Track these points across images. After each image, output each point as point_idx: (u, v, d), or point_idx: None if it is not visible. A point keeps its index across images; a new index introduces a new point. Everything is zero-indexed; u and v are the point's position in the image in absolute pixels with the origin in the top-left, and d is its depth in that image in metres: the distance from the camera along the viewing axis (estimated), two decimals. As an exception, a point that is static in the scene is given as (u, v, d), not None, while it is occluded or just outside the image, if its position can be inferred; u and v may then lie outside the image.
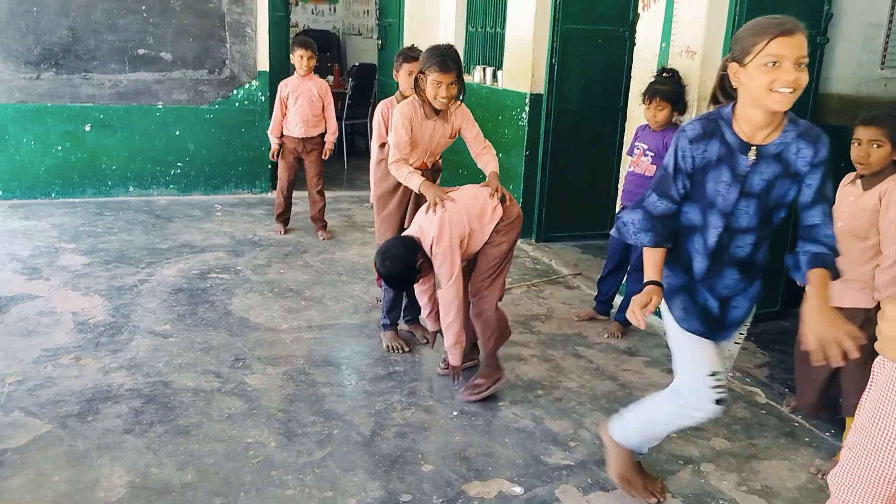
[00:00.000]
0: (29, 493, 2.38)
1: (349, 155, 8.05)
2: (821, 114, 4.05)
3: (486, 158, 3.37)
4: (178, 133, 6.21)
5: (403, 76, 3.83)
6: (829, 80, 4.03)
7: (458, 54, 3.24)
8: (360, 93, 7.87)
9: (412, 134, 3.28)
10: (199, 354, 3.44)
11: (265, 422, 2.89)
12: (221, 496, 2.42)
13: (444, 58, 3.13)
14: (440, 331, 3.39)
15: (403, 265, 3.00)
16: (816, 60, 3.89)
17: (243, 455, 2.66)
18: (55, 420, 2.81)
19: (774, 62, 1.88)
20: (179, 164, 6.28)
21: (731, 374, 3.47)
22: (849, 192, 2.73)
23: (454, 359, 3.18)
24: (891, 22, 4.11)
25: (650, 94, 3.66)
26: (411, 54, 3.88)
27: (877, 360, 1.11)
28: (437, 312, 3.28)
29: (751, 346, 3.85)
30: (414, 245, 3.03)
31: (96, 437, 2.71)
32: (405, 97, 3.82)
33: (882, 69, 4.18)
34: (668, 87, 3.64)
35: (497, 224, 3.07)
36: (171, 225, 5.51)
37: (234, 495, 2.43)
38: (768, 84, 1.89)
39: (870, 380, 1.13)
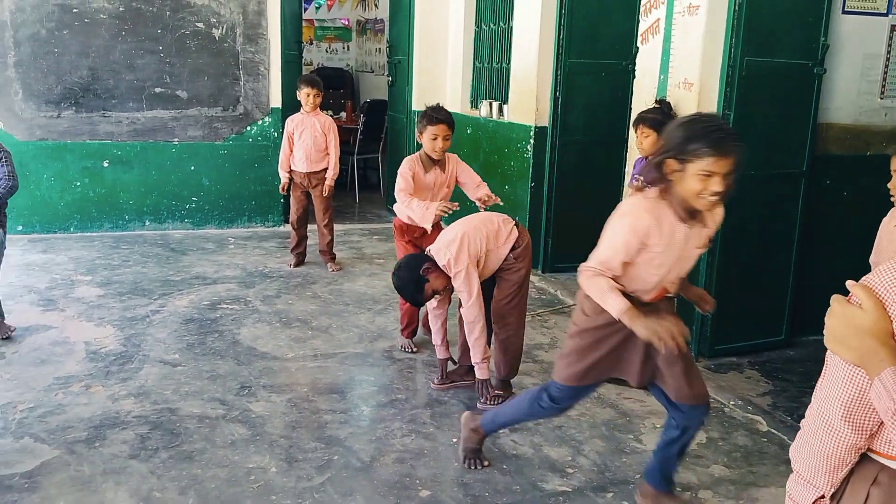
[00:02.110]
0: (34, 516, 2.44)
1: (360, 188, 8.17)
2: (820, 143, 4.10)
3: None
4: (192, 168, 6.37)
5: (427, 139, 3.68)
6: (827, 110, 4.08)
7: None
8: (371, 128, 8.02)
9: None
10: (205, 382, 3.51)
11: (267, 448, 2.94)
12: (221, 520, 2.47)
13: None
14: (449, 359, 3.54)
15: (410, 275, 3.18)
16: (814, 91, 3.95)
17: (244, 480, 2.70)
18: (63, 446, 2.88)
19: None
20: (194, 198, 6.42)
21: (732, 402, 3.48)
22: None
23: (482, 373, 3.30)
24: (889, 52, 4.16)
25: (636, 121, 3.83)
26: (437, 116, 3.65)
27: (828, 351, 1.25)
28: (447, 341, 3.49)
29: (754, 375, 3.85)
30: (421, 260, 3.21)
31: (102, 462, 2.78)
32: (432, 159, 3.75)
33: (882, 98, 4.23)
34: (654, 115, 3.75)
35: (513, 248, 3.24)
36: (184, 258, 5.62)
37: (233, 519, 2.48)
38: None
39: (824, 366, 1.26)
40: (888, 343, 1.11)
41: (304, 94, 5.23)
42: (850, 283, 1.17)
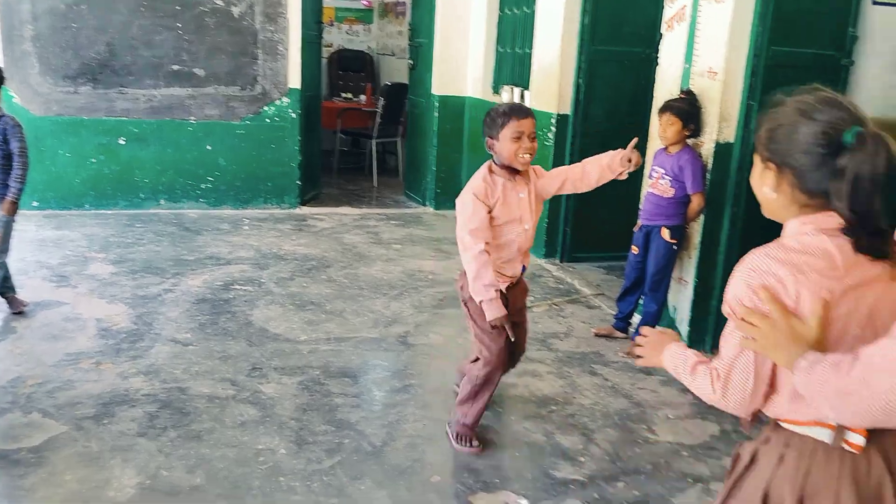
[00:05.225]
0: (40, 492, 2.43)
1: (379, 173, 8.13)
2: (847, 136, 4.00)
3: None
4: (209, 148, 6.34)
5: None
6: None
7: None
8: (391, 112, 7.96)
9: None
10: (216, 363, 3.49)
11: (277, 429, 2.91)
12: (228, 499, 2.45)
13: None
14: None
15: None
16: (841, 83, 3.85)
17: (253, 461, 2.68)
18: (71, 422, 2.87)
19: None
20: (210, 178, 6.40)
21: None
22: None
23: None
24: (920, 44, 4.05)
25: (662, 108, 3.73)
26: None
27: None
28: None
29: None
30: None
31: (110, 439, 2.77)
32: None
33: (912, 93, 4.12)
34: (680, 105, 3.67)
35: None
36: (199, 237, 5.61)
37: (241, 499, 2.46)
38: None
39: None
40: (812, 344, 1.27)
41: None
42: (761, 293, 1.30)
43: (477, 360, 2.83)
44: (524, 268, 2.87)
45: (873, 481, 1.31)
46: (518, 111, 2.65)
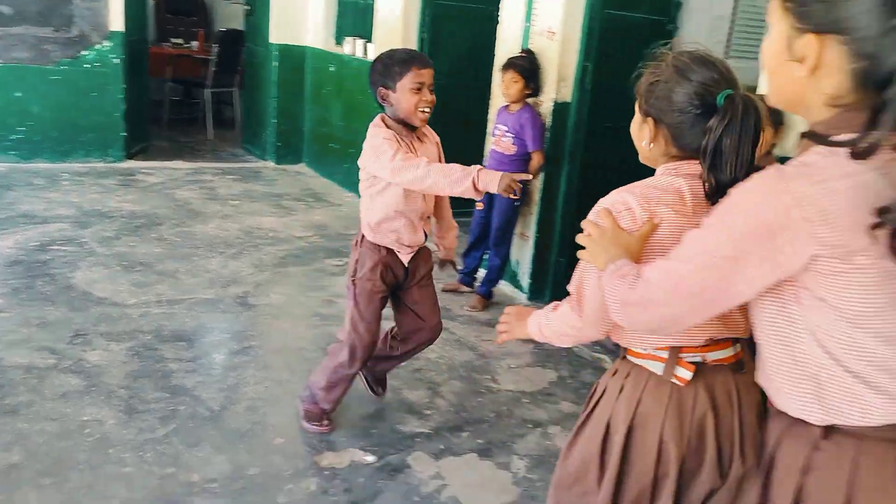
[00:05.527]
0: None
1: (215, 125, 7.71)
2: (671, 98, 4.27)
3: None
4: (19, 94, 5.71)
5: None
6: (679, 66, 4.24)
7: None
8: (226, 60, 7.53)
9: None
10: (33, 330, 3.19)
11: (104, 399, 2.72)
12: (51, 476, 2.27)
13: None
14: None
15: None
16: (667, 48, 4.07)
17: (78, 434, 2.49)
18: None
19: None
20: (21, 128, 5.77)
21: (582, 344, 3.62)
22: None
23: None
24: (734, 14, 4.38)
25: (505, 65, 3.77)
26: None
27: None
28: None
29: (603, 318, 4.02)
30: None
31: None
32: None
33: (727, 58, 4.44)
34: (523, 63, 3.74)
35: None
36: (9, 194, 5.07)
37: (65, 475, 2.28)
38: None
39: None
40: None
41: None
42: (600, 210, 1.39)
43: (341, 342, 2.56)
44: (426, 234, 2.59)
45: (697, 415, 1.41)
46: (418, 59, 2.37)
